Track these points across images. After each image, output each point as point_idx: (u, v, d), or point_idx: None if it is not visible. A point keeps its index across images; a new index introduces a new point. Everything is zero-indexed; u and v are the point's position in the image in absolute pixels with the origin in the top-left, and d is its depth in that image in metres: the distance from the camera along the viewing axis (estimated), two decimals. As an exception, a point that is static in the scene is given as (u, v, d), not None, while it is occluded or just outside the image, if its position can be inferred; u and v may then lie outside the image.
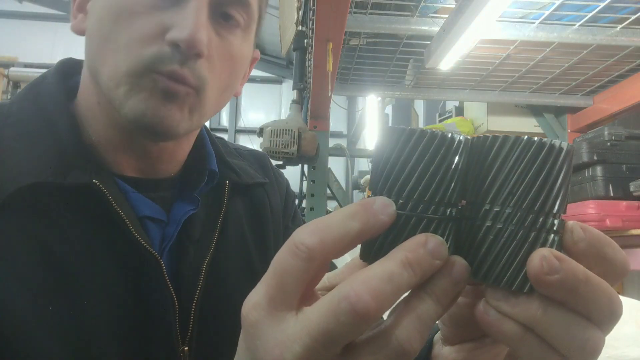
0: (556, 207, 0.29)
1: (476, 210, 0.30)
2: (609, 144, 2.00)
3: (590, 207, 1.94)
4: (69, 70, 0.58)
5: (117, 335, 0.47)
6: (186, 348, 0.52)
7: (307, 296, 0.29)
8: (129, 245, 0.49)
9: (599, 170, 1.97)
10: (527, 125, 2.66)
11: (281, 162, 2.36)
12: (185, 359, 0.52)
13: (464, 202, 0.31)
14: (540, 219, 0.29)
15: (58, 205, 0.48)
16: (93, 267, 0.48)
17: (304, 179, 2.50)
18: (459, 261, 0.29)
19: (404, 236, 0.29)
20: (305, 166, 2.45)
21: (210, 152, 0.62)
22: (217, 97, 0.54)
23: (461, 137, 0.31)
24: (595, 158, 1.98)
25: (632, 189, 1.89)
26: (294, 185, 2.71)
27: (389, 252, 0.28)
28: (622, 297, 1.03)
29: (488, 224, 0.30)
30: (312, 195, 2.37)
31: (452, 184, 0.30)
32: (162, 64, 0.47)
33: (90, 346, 0.45)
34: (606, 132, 2.03)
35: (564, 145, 0.29)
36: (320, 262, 0.27)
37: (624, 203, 1.91)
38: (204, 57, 0.49)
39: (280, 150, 2.22)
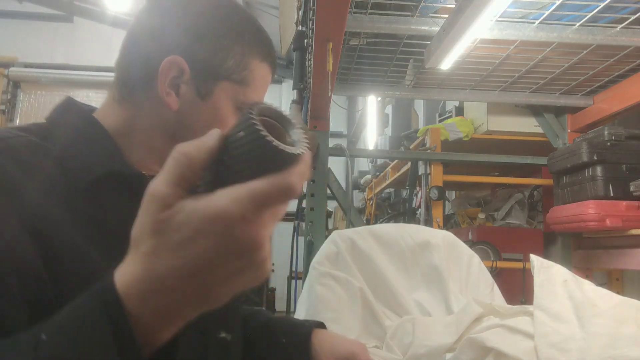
0: None
1: None
2: (609, 144, 2.00)
3: (590, 207, 1.94)
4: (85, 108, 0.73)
5: None
6: None
7: None
8: None
9: (599, 170, 1.97)
10: (527, 125, 2.66)
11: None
12: None
13: None
14: None
15: (119, 188, 0.63)
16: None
17: (304, 179, 2.50)
18: None
19: None
20: (305, 166, 2.45)
21: None
22: None
23: None
24: (595, 158, 1.98)
25: (632, 189, 1.89)
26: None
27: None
28: (622, 297, 1.03)
29: None
30: (312, 195, 2.37)
31: None
32: None
33: None
34: (606, 132, 2.03)
35: None
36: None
37: (624, 203, 1.91)
38: None
39: (280, 150, 2.22)
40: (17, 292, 0.49)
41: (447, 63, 1.84)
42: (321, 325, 0.91)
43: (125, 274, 0.40)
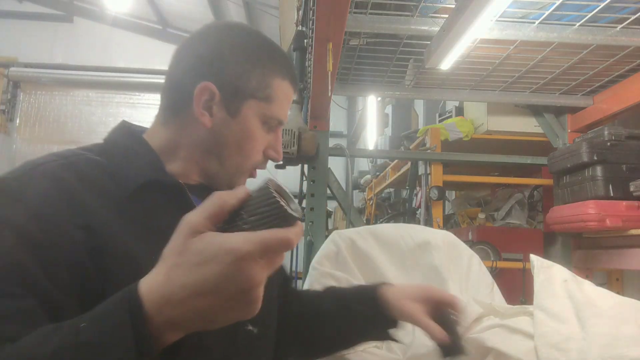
0: None
1: None
2: (609, 144, 2.00)
3: (590, 207, 1.94)
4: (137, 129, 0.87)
5: None
6: None
7: None
8: None
9: (599, 170, 1.97)
10: (527, 125, 2.65)
11: (281, 162, 2.36)
12: None
13: None
14: None
15: (158, 195, 0.74)
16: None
17: (304, 179, 2.50)
18: None
19: None
20: (305, 166, 2.45)
21: None
22: None
23: None
24: (595, 158, 1.98)
25: (632, 189, 1.89)
26: (294, 185, 2.73)
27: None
28: (622, 297, 1.03)
29: None
30: (312, 195, 2.37)
31: None
32: (259, 165, 0.84)
33: None
34: (606, 132, 2.03)
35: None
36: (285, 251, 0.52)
37: (624, 203, 1.91)
38: None
39: (280, 150, 2.22)
40: (67, 281, 0.60)
41: (447, 63, 1.84)
42: (384, 284, 0.99)
43: (150, 281, 0.50)
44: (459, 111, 3.00)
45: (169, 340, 0.51)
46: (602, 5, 1.64)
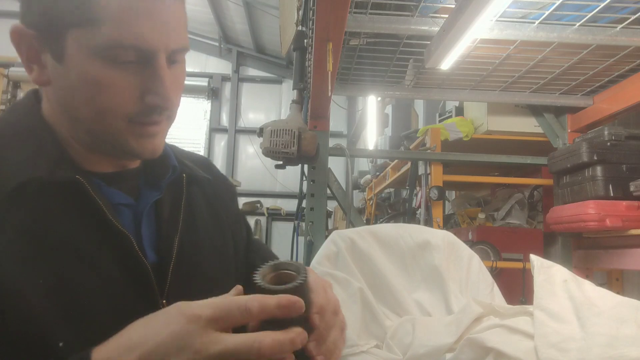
0: None
1: None
2: (609, 144, 2.00)
3: (590, 207, 1.94)
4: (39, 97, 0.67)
5: (106, 293, 0.58)
6: (164, 301, 0.63)
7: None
8: (107, 226, 0.60)
9: (599, 170, 1.97)
10: (527, 125, 2.65)
11: (281, 162, 2.36)
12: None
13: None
14: None
15: (47, 198, 0.57)
16: (79, 245, 0.58)
17: (304, 179, 2.50)
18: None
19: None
20: (305, 166, 2.45)
21: (168, 151, 0.72)
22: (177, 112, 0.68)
23: None
24: (595, 158, 1.98)
25: (632, 189, 1.89)
26: (294, 185, 2.73)
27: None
28: (622, 297, 1.03)
29: None
30: (312, 195, 2.37)
31: None
32: (144, 117, 0.61)
33: (83, 305, 0.56)
34: (606, 132, 2.03)
35: None
36: (250, 320, 0.48)
37: (624, 203, 1.91)
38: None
39: (280, 150, 2.22)
40: None
41: (447, 63, 1.83)
42: None
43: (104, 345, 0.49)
44: (459, 111, 3.00)
45: None
46: (602, 5, 1.64)
